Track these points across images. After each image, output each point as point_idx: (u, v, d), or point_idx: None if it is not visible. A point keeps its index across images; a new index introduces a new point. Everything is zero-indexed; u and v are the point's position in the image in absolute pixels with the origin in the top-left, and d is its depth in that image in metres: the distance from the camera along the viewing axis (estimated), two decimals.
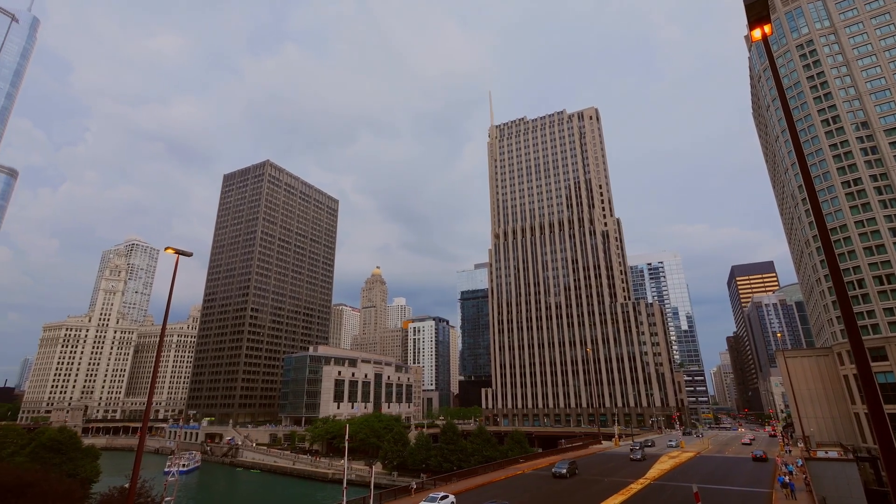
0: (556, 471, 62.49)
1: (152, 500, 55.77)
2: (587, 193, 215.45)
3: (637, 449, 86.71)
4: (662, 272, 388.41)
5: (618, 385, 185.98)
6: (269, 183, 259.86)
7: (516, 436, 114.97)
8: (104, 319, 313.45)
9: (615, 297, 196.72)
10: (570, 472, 62.72)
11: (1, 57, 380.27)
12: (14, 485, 37.77)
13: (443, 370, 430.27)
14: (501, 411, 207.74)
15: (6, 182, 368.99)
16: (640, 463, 76.45)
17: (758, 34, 13.72)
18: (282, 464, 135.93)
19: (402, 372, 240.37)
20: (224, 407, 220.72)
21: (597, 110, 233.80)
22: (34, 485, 39.06)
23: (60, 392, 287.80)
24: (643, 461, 76.38)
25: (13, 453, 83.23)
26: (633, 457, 79.09)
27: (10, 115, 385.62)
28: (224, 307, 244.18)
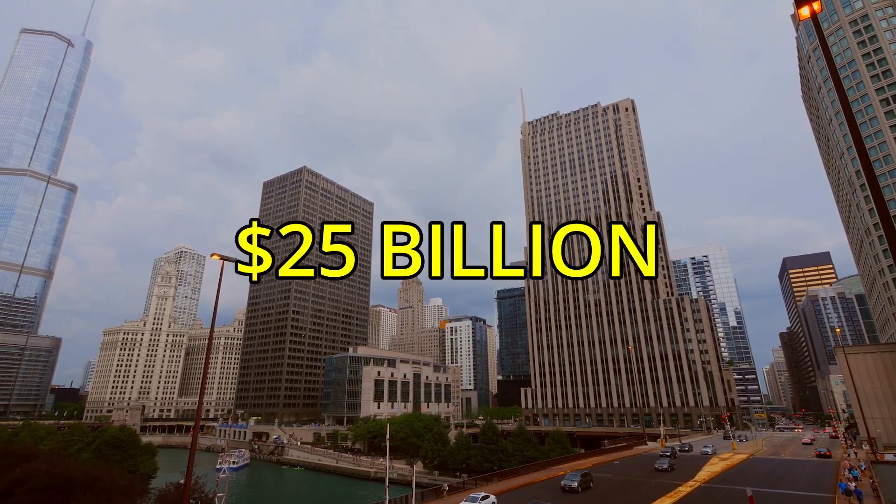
0: (565, 484, 53.38)
1: (206, 496, 58.25)
2: (625, 187, 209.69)
3: (666, 456, 73.64)
4: (707, 266, 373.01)
5: (662, 384, 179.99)
6: (306, 188, 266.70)
7: (557, 436, 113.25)
8: (157, 324, 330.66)
9: (657, 293, 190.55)
10: (583, 485, 53.80)
11: (60, 80, 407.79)
12: (82, 480, 40.26)
13: (481, 370, 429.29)
14: (541, 411, 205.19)
15: (67, 197, 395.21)
16: (694, 463, 73.65)
17: (806, 12, 12.96)
18: (325, 462, 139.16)
19: (441, 372, 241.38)
20: (269, 406, 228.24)
21: (633, 102, 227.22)
22: (100, 480, 41.49)
23: (120, 393, 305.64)
24: (671, 471, 65.22)
25: (80, 450, 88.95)
26: (658, 466, 66.10)
27: (69, 133, 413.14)
28: (267, 310, 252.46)
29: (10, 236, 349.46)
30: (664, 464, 67.02)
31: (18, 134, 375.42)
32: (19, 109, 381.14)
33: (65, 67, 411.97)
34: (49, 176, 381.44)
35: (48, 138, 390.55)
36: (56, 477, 39.45)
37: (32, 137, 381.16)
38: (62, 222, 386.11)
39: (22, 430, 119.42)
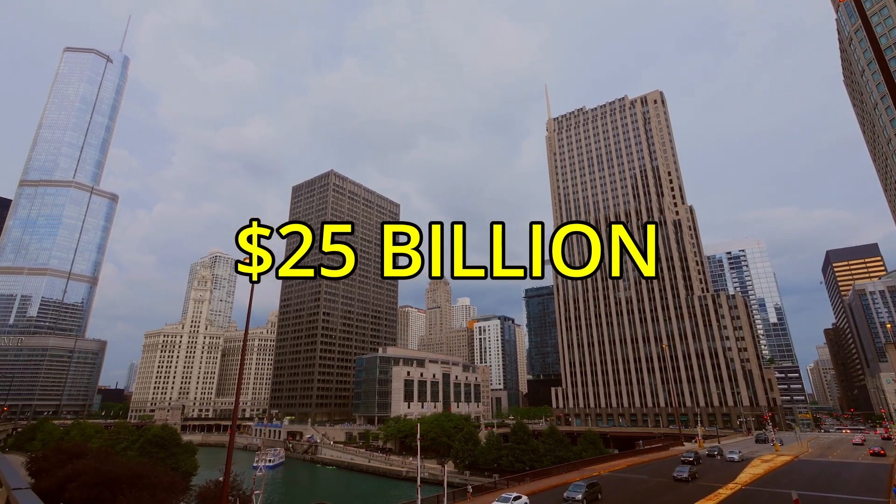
0: (568, 496, 47.51)
1: (243, 493, 60.00)
2: (655, 182, 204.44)
3: (688, 462, 66.99)
4: (745, 261, 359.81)
5: (699, 383, 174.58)
6: (334, 191, 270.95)
7: (590, 436, 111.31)
8: (195, 326, 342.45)
9: (691, 289, 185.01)
10: (589, 497, 47.21)
11: (100, 95, 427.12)
12: (128, 476, 42.08)
13: (510, 369, 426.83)
14: (573, 411, 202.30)
15: (109, 206, 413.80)
16: (733, 465, 71.10)
17: None
18: (358, 461, 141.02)
19: (470, 372, 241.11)
20: (302, 406, 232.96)
21: (661, 93, 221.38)
22: (144, 476, 43.27)
23: (161, 393, 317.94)
24: (691, 482, 57.15)
25: (126, 448, 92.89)
26: (677, 476, 58.12)
27: (109, 145, 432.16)
28: (298, 312, 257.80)
29: (59, 245, 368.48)
30: (684, 472, 58.40)
31: (64, 147, 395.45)
32: (64, 124, 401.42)
33: (104, 82, 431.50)
34: (92, 187, 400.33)
35: (91, 151, 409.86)
36: (104, 473, 41.33)
37: (76, 150, 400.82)
38: (105, 231, 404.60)
39: (72, 428, 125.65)
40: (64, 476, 41.69)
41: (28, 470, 51.42)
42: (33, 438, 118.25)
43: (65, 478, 41.41)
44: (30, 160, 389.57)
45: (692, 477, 58.18)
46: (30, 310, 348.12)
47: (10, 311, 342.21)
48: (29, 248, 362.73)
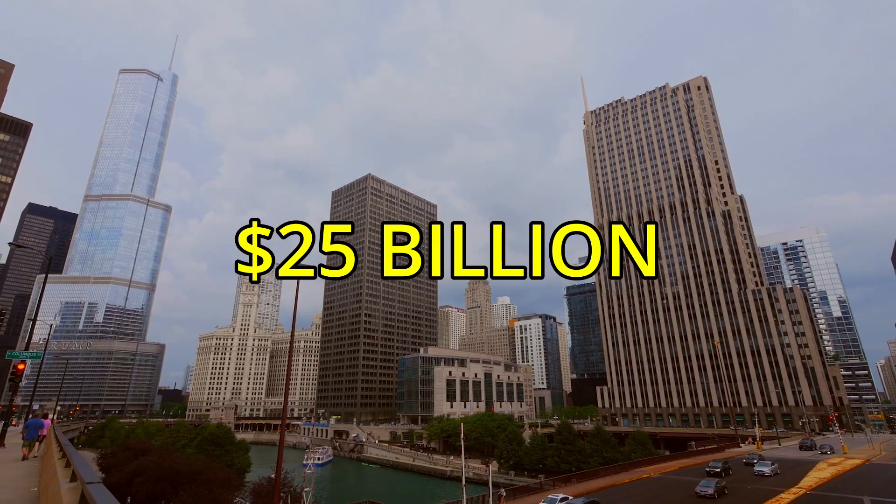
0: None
1: (294, 490, 61.87)
2: (701, 171, 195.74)
3: (714, 474, 57.27)
4: (802, 252, 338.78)
5: (755, 381, 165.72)
6: (372, 195, 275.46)
7: (639, 437, 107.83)
8: (244, 329, 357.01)
9: (744, 283, 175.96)
10: None
11: (152, 112, 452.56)
12: (188, 472, 44.27)
13: (553, 368, 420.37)
14: (620, 411, 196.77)
15: (164, 217, 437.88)
16: (795, 468, 67.01)
17: None
18: (403, 460, 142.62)
19: (512, 371, 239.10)
20: (348, 406, 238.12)
21: (705, 79, 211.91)
22: (202, 472, 45.36)
23: (215, 393, 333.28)
24: (718, 498, 48.82)
25: (185, 445, 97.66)
26: (700, 492, 48.84)
27: (162, 159, 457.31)
28: (341, 314, 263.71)
29: (120, 255, 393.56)
30: (709, 487, 48.74)
31: (122, 163, 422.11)
32: (121, 141, 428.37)
33: (156, 100, 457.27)
34: (148, 199, 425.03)
35: (146, 165, 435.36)
36: (166, 469, 43.67)
37: (133, 165, 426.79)
38: (161, 240, 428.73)
39: (137, 427, 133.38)
40: (130, 471, 44.37)
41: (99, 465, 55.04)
42: (102, 436, 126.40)
43: (131, 473, 44.07)
44: (92, 176, 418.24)
45: (719, 493, 49.20)
46: (96, 316, 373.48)
47: (80, 317, 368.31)
48: (94, 259, 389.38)
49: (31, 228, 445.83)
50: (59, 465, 21.52)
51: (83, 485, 12.26)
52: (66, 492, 14.82)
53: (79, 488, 13.92)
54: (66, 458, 22.67)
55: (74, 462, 17.70)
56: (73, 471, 17.30)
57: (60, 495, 14.18)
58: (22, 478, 24.07)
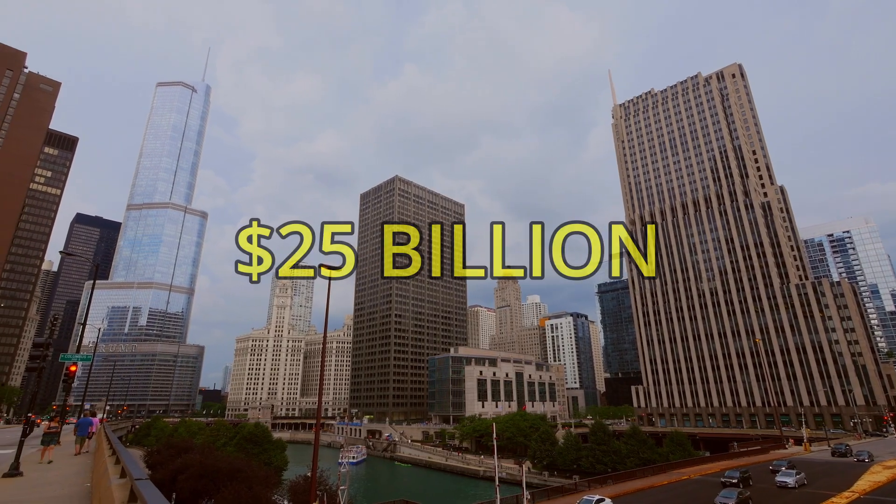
0: None
1: (330, 488, 62.92)
2: (737, 162, 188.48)
3: (731, 483, 50.97)
4: (850, 243, 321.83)
5: (801, 380, 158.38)
6: (399, 196, 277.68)
7: (677, 437, 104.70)
8: (279, 331, 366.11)
9: (786, 277, 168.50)
10: None
11: (188, 123, 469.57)
12: (228, 470, 45.65)
13: (586, 367, 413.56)
14: (656, 410, 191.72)
15: (200, 223, 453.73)
16: (849, 471, 63.56)
17: None
18: (435, 460, 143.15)
19: (543, 370, 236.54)
20: (380, 406, 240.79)
21: (740, 66, 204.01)
22: (242, 470, 46.68)
23: (253, 393, 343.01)
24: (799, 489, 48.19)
25: (224, 444, 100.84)
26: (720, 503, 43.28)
27: (198, 168, 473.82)
28: (372, 315, 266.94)
29: (161, 261, 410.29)
30: (730, 499, 43.20)
31: (161, 173, 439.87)
32: (160, 152, 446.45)
33: (191, 111, 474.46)
34: (185, 206, 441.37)
35: (182, 174, 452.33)
36: (208, 467, 45.14)
37: (171, 174, 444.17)
38: (198, 246, 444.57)
39: (180, 426, 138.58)
40: (175, 469, 46.09)
41: (145, 462, 57.39)
42: (148, 434, 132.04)
43: (175, 470, 45.77)
44: (134, 186, 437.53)
45: None
46: (140, 319, 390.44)
47: (125, 321, 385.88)
48: (137, 265, 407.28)
49: (79, 237, 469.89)
50: (110, 462, 22.53)
51: (132, 481, 12.79)
52: (116, 487, 15.49)
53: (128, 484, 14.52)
54: (115, 455, 23.72)
55: (123, 460, 18.49)
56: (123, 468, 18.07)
57: (111, 491, 14.83)
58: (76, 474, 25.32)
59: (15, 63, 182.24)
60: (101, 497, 15.76)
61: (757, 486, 52.90)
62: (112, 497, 13.85)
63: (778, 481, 52.90)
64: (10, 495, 19.11)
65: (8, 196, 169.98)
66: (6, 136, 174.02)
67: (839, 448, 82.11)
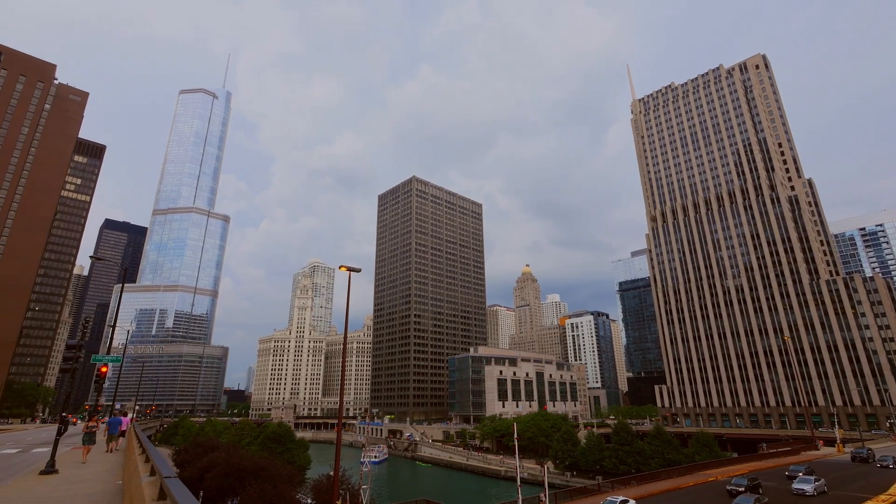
0: None
1: (352, 487, 63.49)
2: (762, 156, 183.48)
3: (740, 491, 47.89)
4: (884, 237, 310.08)
5: (833, 379, 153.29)
6: (417, 197, 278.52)
7: (703, 438, 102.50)
8: (300, 332, 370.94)
9: (816, 273, 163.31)
10: None
11: (210, 129, 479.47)
12: (253, 468, 46.51)
13: (607, 367, 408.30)
14: (681, 410, 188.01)
15: (223, 227, 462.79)
16: (886, 471, 61.22)
17: None
18: (456, 459, 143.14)
19: (564, 370, 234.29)
20: (400, 405, 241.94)
21: (764, 57, 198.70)
22: (266, 469, 47.51)
23: (276, 393, 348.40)
24: (818, 496, 46.81)
25: (249, 442, 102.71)
26: None
27: (220, 173, 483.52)
28: (391, 315, 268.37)
29: (185, 264, 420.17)
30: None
31: (184, 178, 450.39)
32: (183, 157, 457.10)
33: (212, 117, 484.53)
34: (208, 211, 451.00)
35: (205, 179, 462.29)
36: (233, 465, 46.05)
37: (194, 179, 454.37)
38: (221, 249, 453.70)
39: (206, 425, 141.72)
40: (202, 467, 47.14)
41: (173, 461, 58.80)
42: (176, 433, 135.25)
43: (202, 469, 46.81)
44: (159, 192, 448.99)
45: None
46: (167, 321, 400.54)
47: (152, 323, 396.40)
48: (163, 268, 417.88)
49: (108, 242, 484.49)
50: (140, 460, 23.13)
51: (161, 479, 13.10)
52: (146, 485, 15.90)
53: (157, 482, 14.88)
54: (145, 454, 24.33)
55: (153, 458, 18.95)
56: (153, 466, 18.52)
57: (142, 488, 15.22)
58: (108, 472, 26.06)
59: (45, 75, 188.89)
60: (132, 494, 16.18)
61: (771, 494, 49.60)
62: (143, 494, 14.22)
63: (794, 489, 49.53)
64: (47, 492, 19.79)
65: (41, 203, 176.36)
66: (38, 146, 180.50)
67: (860, 452, 74.73)
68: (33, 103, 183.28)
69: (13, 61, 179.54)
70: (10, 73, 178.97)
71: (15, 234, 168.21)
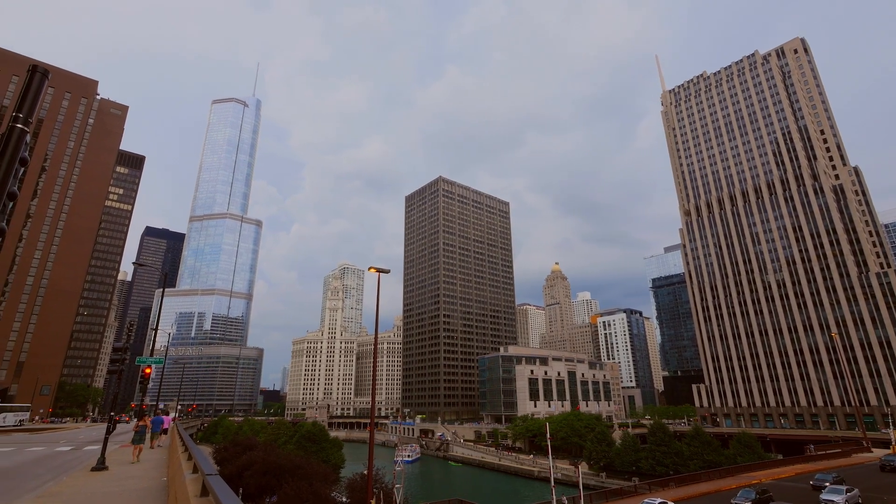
0: None
1: (385, 486, 64.10)
2: (804, 144, 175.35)
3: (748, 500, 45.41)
4: None
5: (886, 377, 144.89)
6: (444, 197, 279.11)
7: (745, 438, 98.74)
8: (332, 333, 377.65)
9: (865, 265, 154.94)
10: None
11: (241, 136, 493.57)
12: (289, 467, 47.61)
13: (642, 365, 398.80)
14: (721, 410, 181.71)
15: (255, 231, 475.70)
16: None
17: None
18: (488, 459, 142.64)
19: (597, 369, 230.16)
20: (431, 405, 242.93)
21: (802, 41, 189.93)
22: (302, 467, 48.54)
23: (309, 393, 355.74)
24: None
25: (285, 442, 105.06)
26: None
27: (252, 179, 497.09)
28: (421, 315, 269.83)
29: (221, 268, 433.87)
30: None
31: (219, 185, 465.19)
32: (217, 165, 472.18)
33: (244, 125, 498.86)
34: (242, 216, 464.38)
35: (238, 185, 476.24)
36: (270, 464, 47.25)
37: (228, 186, 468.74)
38: (255, 253, 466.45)
39: (244, 424, 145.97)
40: (241, 465, 48.59)
41: (214, 459, 60.79)
42: (216, 432, 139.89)
43: (241, 466, 48.24)
44: (195, 199, 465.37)
45: None
46: (205, 324, 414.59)
47: (191, 326, 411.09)
48: (200, 273, 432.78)
49: (149, 248, 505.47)
50: (183, 458, 24.00)
51: (203, 476, 13.55)
52: (189, 482, 16.49)
53: (200, 479, 15.38)
54: (188, 452, 25.22)
55: (195, 456, 19.64)
56: (195, 464, 19.18)
57: (185, 485, 15.80)
58: (154, 469, 27.17)
59: (88, 91, 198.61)
60: (176, 490, 16.82)
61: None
62: (186, 491, 14.76)
63: (822, 500, 45.05)
64: (98, 487, 20.85)
65: (87, 213, 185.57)
66: (83, 159, 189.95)
67: (891, 460, 64.82)
68: (78, 118, 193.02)
69: (59, 80, 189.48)
70: (57, 90, 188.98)
71: (64, 244, 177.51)
